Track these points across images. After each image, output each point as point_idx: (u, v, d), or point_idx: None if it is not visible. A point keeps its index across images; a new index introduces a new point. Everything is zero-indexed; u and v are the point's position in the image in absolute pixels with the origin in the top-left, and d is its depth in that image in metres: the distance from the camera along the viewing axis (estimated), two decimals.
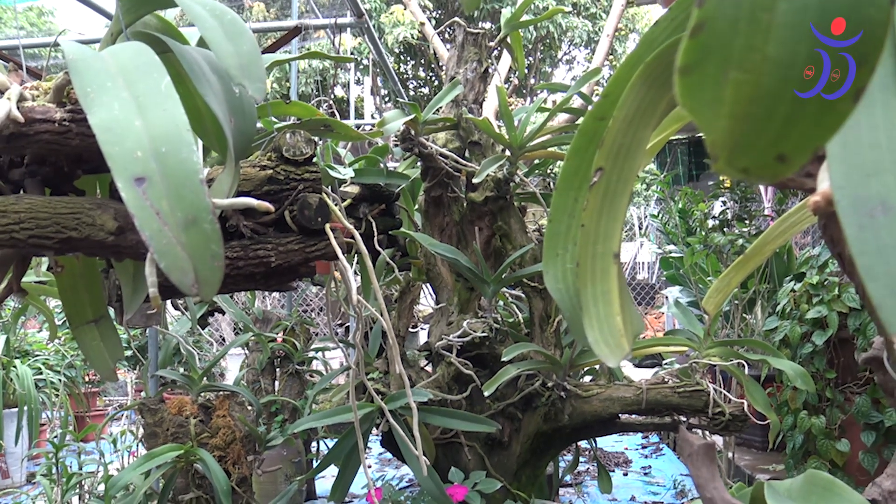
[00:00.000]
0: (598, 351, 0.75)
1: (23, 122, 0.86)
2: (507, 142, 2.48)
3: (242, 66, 0.85)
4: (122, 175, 0.69)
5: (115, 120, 0.72)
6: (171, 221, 0.68)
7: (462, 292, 2.72)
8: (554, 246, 0.82)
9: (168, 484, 2.75)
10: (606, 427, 2.67)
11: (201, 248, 0.69)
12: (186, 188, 0.69)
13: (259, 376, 4.27)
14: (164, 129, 0.72)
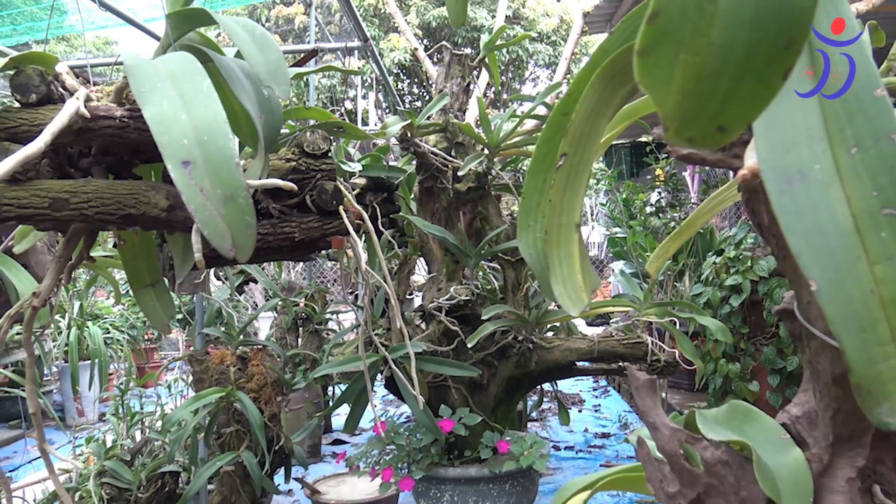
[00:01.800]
0: (562, 303, 0.74)
1: (89, 117, 0.83)
2: (486, 142, 2.46)
3: (270, 71, 0.83)
4: (172, 159, 0.67)
5: (164, 114, 0.71)
6: (212, 197, 0.67)
7: (449, 264, 2.70)
8: (526, 218, 0.81)
9: (212, 420, 2.74)
10: (565, 372, 2.68)
11: (237, 219, 0.67)
12: (224, 170, 0.67)
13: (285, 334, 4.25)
14: (205, 121, 0.70)
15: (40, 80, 0.88)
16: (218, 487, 2.78)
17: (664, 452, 0.80)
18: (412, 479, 2.38)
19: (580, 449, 4.48)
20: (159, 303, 1.26)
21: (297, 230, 1.37)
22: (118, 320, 5.64)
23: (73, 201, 0.86)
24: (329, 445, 4.85)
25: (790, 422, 0.82)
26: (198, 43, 1.00)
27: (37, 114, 0.88)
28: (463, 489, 2.47)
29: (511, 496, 2.49)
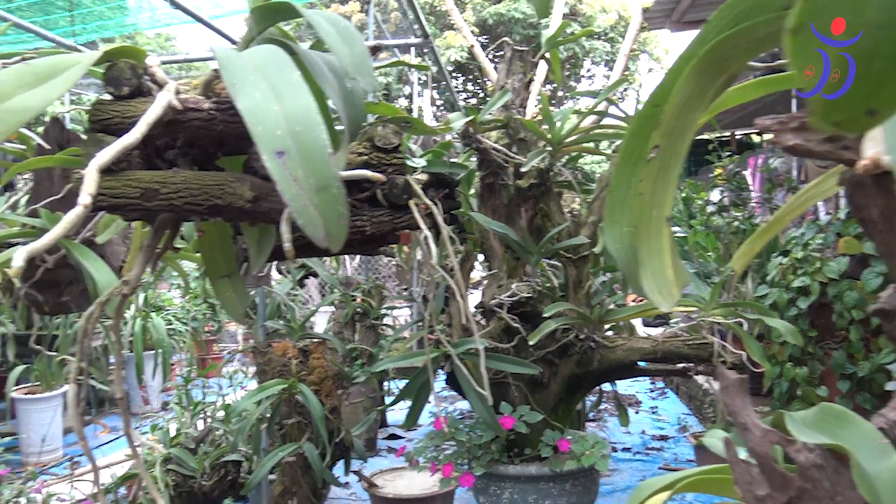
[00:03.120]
0: (653, 298, 0.72)
1: (180, 109, 0.85)
2: (549, 138, 2.44)
3: (356, 63, 0.83)
4: (266, 149, 0.68)
5: (257, 105, 0.71)
6: (305, 187, 0.67)
7: (510, 261, 2.69)
8: (613, 213, 0.79)
9: (275, 411, 2.78)
10: (627, 372, 2.64)
11: (330, 208, 0.67)
12: (317, 160, 0.68)
13: (342, 328, 4.29)
14: (297, 112, 0.71)
15: (132, 74, 0.90)
16: (279, 477, 2.82)
17: (755, 454, 0.78)
18: (472, 475, 2.38)
19: (637, 451, 4.41)
20: (235, 293, 1.28)
21: (369, 224, 1.38)
22: (180, 312, 5.77)
23: (162, 191, 0.87)
24: (385, 440, 4.89)
25: (888, 426, 0.78)
26: (278, 37, 1.01)
27: (129, 106, 0.90)
28: (523, 487, 2.45)
29: (572, 496, 2.47)
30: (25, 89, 0.79)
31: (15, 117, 0.76)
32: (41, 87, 0.80)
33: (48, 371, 4.56)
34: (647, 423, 5.02)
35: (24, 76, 0.80)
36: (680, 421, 4.83)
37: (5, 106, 0.76)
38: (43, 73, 0.81)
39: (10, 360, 4.61)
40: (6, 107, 0.76)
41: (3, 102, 0.76)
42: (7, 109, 0.76)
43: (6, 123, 0.75)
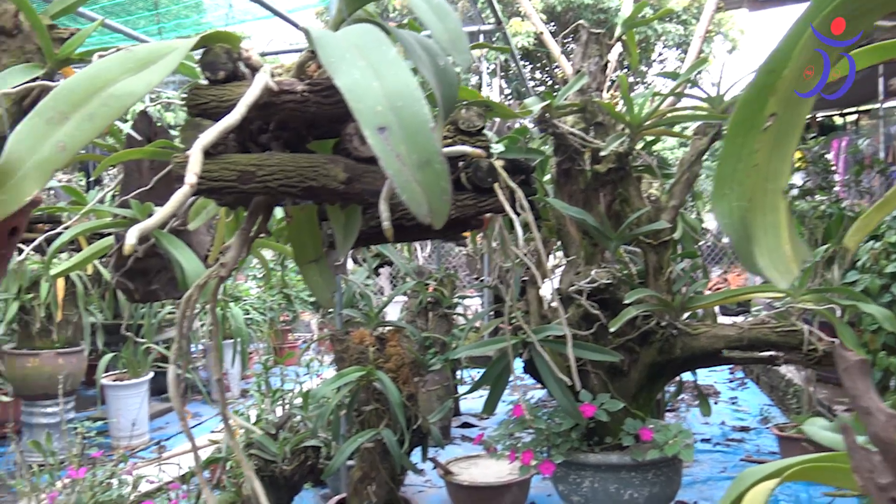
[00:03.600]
0: (769, 275, 0.69)
1: (276, 91, 0.85)
2: (628, 121, 2.38)
3: (451, 40, 0.82)
4: (368, 125, 0.67)
5: (357, 82, 0.71)
6: (408, 162, 0.66)
7: (587, 247, 2.64)
8: (721, 186, 0.75)
9: (353, 397, 2.81)
10: (711, 360, 2.57)
11: (433, 184, 0.66)
12: (420, 135, 0.67)
13: (415, 317, 4.31)
14: (397, 88, 0.70)
15: (227, 58, 0.91)
16: (358, 463, 2.85)
17: (878, 440, 0.73)
18: (553, 462, 2.35)
19: (717, 442, 4.30)
20: (322, 278, 1.29)
21: (453, 207, 1.36)
22: (256, 302, 5.91)
23: (258, 174, 0.88)
24: (458, 428, 4.90)
25: None
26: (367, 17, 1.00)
27: (224, 90, 0.91)
28: (604, 476, 2.42)
29: (654, 485, 2.42)
30: (129, 74, 0.80)
31: (120, 101, 0.77)
32: (143, 72, 0.81)
33: (134, 359, 4.73)
34: (727, 413, 4.88)
35: (127, 62, 0.82)
36: (762, 412, 4.68)
37: (111, 91, 0.77)
38: (144, 59, 0.83)
39: (99, 348, 4.80)
40: (112, 92, 0.77)
41: (108, 88, 0.77)
42: (112, 94, 0.77)
43: (112, 108, 0.76)
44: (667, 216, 2.48)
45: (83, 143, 0.73)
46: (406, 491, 2.98)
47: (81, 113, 0.74)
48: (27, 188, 0.67)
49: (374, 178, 0.93)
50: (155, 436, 4.86)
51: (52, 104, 0.73)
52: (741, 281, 7.29)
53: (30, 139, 0.69)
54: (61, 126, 0.72)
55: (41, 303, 4.20)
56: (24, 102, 1.48)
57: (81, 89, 0.76)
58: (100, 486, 2.90)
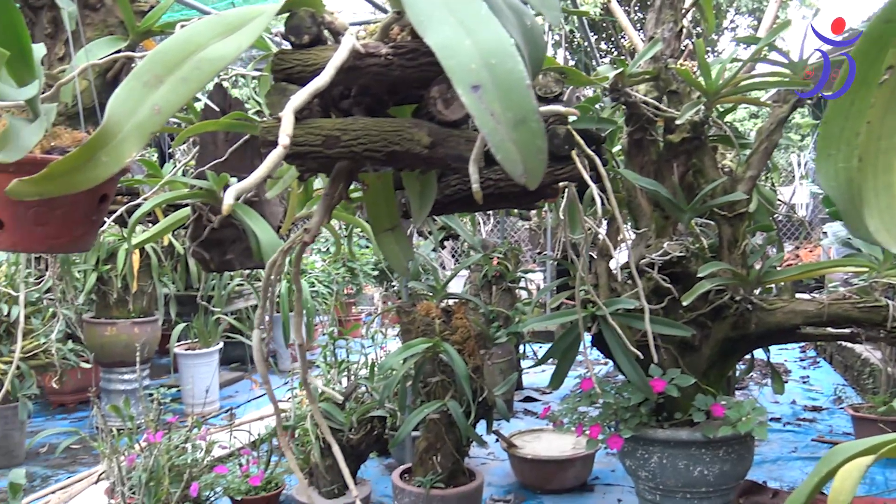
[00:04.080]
0: (880, 239, 0.65)
1: (362, 53, 0.85)
2: (704, 89, 2.30)
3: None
4: (461, 84, 0.66)
5: (448, 40, 0.69)
6: (503, 121, 0.65)
7: (658, 220, 2.58)
8: (827, 147, 0.72)
9: (419, 369, 2.84)
10: (787, 336, 2.49)
11: (529, 143, 0.65)
12: (515, 92, 0.65)
13: (479, 291, 4.32)
14: (490, 45, 0.68)
15: (311, 22, 0.91)
16: (424, 434, 2.88)
17: None
18: (621, 437, 2.33)
19: (788, 421, 4.20)
20: (399, 246, 1.29)
21: None
22: (321, 275, 6.00)
23: (343, 139, 0.88)
24: (521, 402, 4.90)
25: None
26: None
27: (309, 54, 0.91)
28: (672, 452, 2.38)
29: (725, 463, 2.37)
30: (218, 38, 0.81)
31: (212, 65, 0.78)
32: (232, 35, 0.82)
33: (206, 329, 4.87)
34: (798, 392, 4.76)
35: (216, 27, 0.82)
36: (835, 391, 4.54)
37: (203, 55, 0.78)
38: (233, 23, 0.83)
39: (172, 318, 4.96)
40: (203, 55, 0.78)
41: (200, 52, 0.78)
42: (204, 58, 0.78)
43: (204, 71, 0.77)
44: (743, 187, 2.40)
45: (177, 105, 0.74)
46: (469, 462, 3.00)
47: (175, 76, 0.75)
48: (127, 150, 0.68)
49: (457, 142, 0.92)
50: (224, 403, 5.01)
51: (148, 67, 0.74)
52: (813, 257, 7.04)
53: (128, 102, 0.70)
54: (157, 89, 0.73)
55: (118, 274, 4.36)
56: (107, 75, 1.52)
57: (175, 53, 0.77)
58: (175, 449, 3.01)
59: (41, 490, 3.53)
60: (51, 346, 3.70)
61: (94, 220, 1.11)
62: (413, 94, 1.00)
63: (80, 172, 0.65)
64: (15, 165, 0.95)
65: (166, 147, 5.56)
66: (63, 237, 1.06)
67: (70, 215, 1.05)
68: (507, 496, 3.37)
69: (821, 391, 4.77)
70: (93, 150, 0.65)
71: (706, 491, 2.41)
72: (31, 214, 1.02)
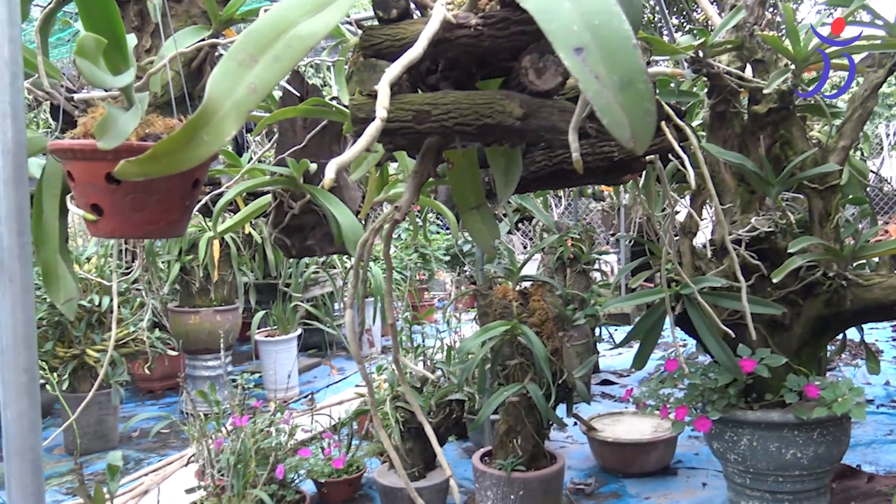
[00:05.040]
0: None
1: (454, 24, 0.83)
2: (793, 55, 2.19)
3: None
4: (563, 47, 0.63)
5: (546, 2, 0.67)
6: (608, 83, 0.62)
7: (744, 195, 2.49)
8: None
9: (498, 352, 2.82)
10: (887, 314, 2.37)
11: (636, 106, 0.62)
12: (620, 53, 0.62)
13: (554, 273, 4.27)
14: (592, 4, 0.65)
15: None
16: (503, 417, 2.87)
17: None
18: (709, 419, 2.26)
19: (881, 403, 4.02)
20: (485, 224, 1.27)
21: (617, 149, 1.31)
22: (394, 261, 6.05)
23: (434, 113, 0.86)
24: (598, 385, 4.84)
25: None
26: None
27: (397, 29, 0.89)
28: (763, 434, 2.30)
29: (820, 445, 2.28)
30: (308, 16, 0.80)
31: (303, 42, 0.77)
32: (322, 13, 0.81)
33: (284, 316, 4.97)
34: (892, 373, 4.54)
35: (305, 4, 0.81)
36: None
37: (294, 32, 0.78)
38: (322, 1, 0.82)
39: (252, 306, 5.08)
40: (295, 33, 0.78)
41: (291, 29, 0.78)
42: (295, 35, 0.77)
43: (296, 49, 0.77)
44: (835, 158, 2.29)
45: (272, 84, 0.74)
46: (549, 446, 2.97)
47: (269, 55, 0.75)
48: (227, 128, 0.68)
49: (550, 112, 0.89)
50: (304, 389, 5.11)
51: (242, 47, 0.73)
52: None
53: (225, 81, 0.70)
54: (251, 68, 0.73)
55: (199, 264, 4.49)
56: (192, 64, 1.55)
57: (267, 32, 0.76)
58: (260, 433, 3.08)
59: (135, 472, 3.67)
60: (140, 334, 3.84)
61: (187, 206, 1.13)
62: (501, 65, 0.98)
63: (183, 152, 0.66)
64: (113, 153, 0.97)
65: (242, 138, 5.69)
66: (159, 222, 1.08)
67: (166, 200, 1.07)
68: (588, 479, 3.33)
69: None
70: (194, 130, 0.66)
71: (799, 475, 2.32)
72: (129, 200, 1.04)
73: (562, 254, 3.85)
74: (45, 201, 1.25)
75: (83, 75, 0.87)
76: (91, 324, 3.87)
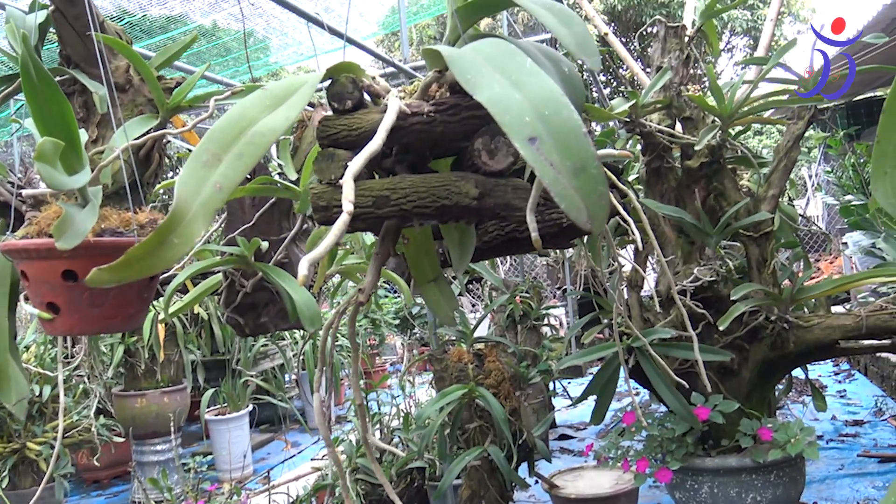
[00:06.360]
0: None
1: (408, 113, 0.87)
2: (719, 112, 2.32)
3: (579, 44, 0.81)
4: (518, 137, 0.67)
5: (499, 95, 0.71)
6: (562, 170, 0.66)
7: (684, 246, 2.59)
8: (882, 165, 0.72)
9: (456, 416, 2.81)
10: (827, 352, 2.47)
11: (590, 189, 0.66)
12: (572, 141, 0.66)
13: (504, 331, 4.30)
14: (541, 97, 0.70)
15: (353, 87, 0.93)
16: (466, 482, 2.85)
17: None
18: (669, 469, 2.29)
19: (830, 438, 4.12)
20: (442, 296, 1.29)
21: (565, 217, 1.35)
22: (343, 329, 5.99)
23: (392, 198, 0.89)
24: (556, 441, 4.84)
25: None
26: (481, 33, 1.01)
27: (353, 119, 0.93)
28: (723, 480, 2.34)
29: (777, 487, 2.33)
30: (268, 112, 0.83)
31: (264, 139, 0.80)
32: (280, 108, 0.84)
33: (234, 392, 4.86)
34: (837, 407, 4.68)
35: (264, 100, 0.84)
36: (876, 404, 4.47)
37: (255, 129, 0.80)
38: (280, 95, 0.85)
39: (200, 384, 4.95)
40: (255, 130, 0.80)
41: (252, 127, 0.80)
42: (256, 132, 0.80)
43: (258, 145, 0.79)
44: (767, 206, 2.41)
45: (236, 182, 0.75)
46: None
47: (232, 153, 0.77)
48: (196, 230, 0.69)
49: (504, 191, 0.93)
50: (258, 467, 4.97)
51: (206, 146, 0.75)
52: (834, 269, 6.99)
53: (192, 182, 0.72)
54: (216, 167, 0.75)
55: (144, 344, 4.37)
56: (140, 153, 1.55)
57: (229, 131, 0.78)
58: None
59: None
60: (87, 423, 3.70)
61: (145, 298, 1.13)
62: (452, 147, 1.02)
63: (155, 256, 0.67)
64: (70, 251, 0.96)
65: None
66: (117, 317, 1.07)
67: (124, 295, 1.06)
68: None
69: (860, 404, 4.69)
70: (165, 234, 0.67)
71: None
72: (87, 297, 1.03)
73: (512, 311, 3.89)
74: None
75: (44, 180, 0.87)
76: (31, 415, 3.71)
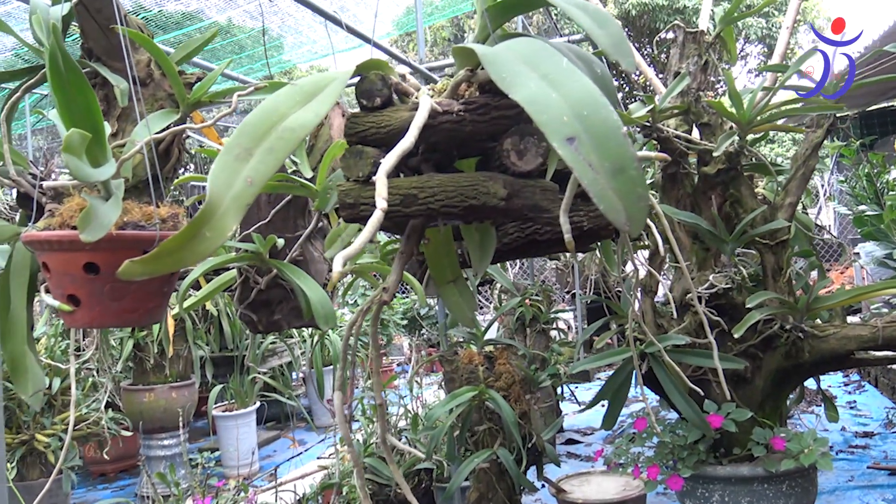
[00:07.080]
0: None
1: (439, 112, 0.86)
2: (737, 118, 2.30)
3: (614, 44, 0.80)
4: (556, 137, 0.66)
5: (536, 94, 0.70)
6: (601, 170, 0.65)
7: (698, 252, 2.57)
8: None
9: (466, 418, 2.80)
10: (842, 363, 2.44)
11: (629, 191, 0.65)
12: (611, 141, 0.65)
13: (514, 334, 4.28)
14: (579, 96, 0.69)
15: (382, 84, 0.92)
16: (474, 484, 2.83)
17: None
18: (681, 477, 2.28)
19: (840, 449, 4.09)
20: (462, 297, 1.29)
21: (586, 219, 1.34)
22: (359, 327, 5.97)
23: (420, 196, 0.88)
24: (563, 445, 4.82)
25: None
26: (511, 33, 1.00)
27: (381, 116, 0.92)
28: (734, 489, 2.32)
29: (789, 497, 2.31)
30: (297, 108, 0.82)
31: (294, 133, 0.79)
32: (310, 103, 0.83)
33: (242, 389, 4.86)
34: (847, 419, 4.64)
35: (294, 96, 0.84)
36: (887, 415, 4.43)
37: (285, 124, 0.79)
38: (309, 91, 0.84)
39: (208, 380, 4.95)
40: (286, 125, 0.79)
41: (282, 122, 0.79)
42: (287, 127, 0.79)
43: (288, 140, 0.78)
44: (783, 214, 2.39)
45: (267, 176, 0.75)
46: None
47: (262, 147, 0.76)
48: (228, 223, 0.69)
49: (532, 192, 0.92)
50: (264, 464, 4.96)
51: (237, 140, 0.75)
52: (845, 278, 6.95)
53: (223, 176, 0.71)
54: (247, 161, 0.74)
55: (154, 339, 4.37)
56: (159, 147, 1.55)
57: (260, 126, 0.78)
58: None
59: None
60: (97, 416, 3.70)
61: (165, 292, 1.12)
62: (479, 147, 1.01)
63: (187, 249, 0.66)
64: (92, 243, 0.96)
65: None
66: (138, 310, 1.07)
67: (145, 289, 1.05)
68: None
69: (870, 416, 4.66)
70: (198, 227, 0.66)
71: None
72: (108, 290, 1.03)
73: (521, 314, 3.87)
74: (13, 291, 1.23)
75: (71, 172, 0.87)
76: (41, 407, 3.72)
